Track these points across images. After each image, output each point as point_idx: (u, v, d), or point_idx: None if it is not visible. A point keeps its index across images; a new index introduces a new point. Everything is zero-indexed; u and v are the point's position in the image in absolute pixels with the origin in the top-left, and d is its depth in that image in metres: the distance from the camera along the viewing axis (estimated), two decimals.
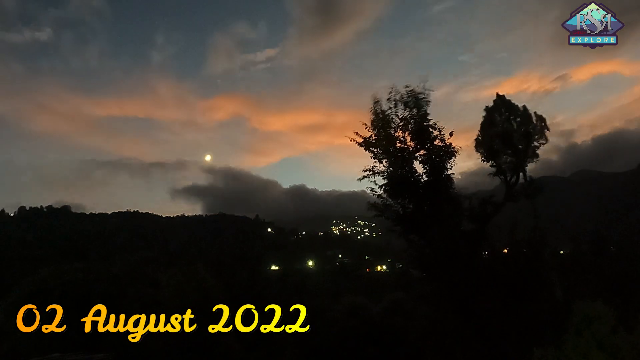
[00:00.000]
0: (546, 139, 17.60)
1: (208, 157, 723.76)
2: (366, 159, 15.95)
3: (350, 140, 16.03)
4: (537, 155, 17.56)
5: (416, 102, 15.44)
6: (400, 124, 15.66)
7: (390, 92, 15.52)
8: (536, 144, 17.50)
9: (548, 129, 17.62)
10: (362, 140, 15.87)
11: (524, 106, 17.90)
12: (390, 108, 15.59)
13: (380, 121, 15.64)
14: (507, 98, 18.20)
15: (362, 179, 15.95)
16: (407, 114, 15.56)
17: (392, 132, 15.67)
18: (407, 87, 15.51)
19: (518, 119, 17.68)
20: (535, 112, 17.65)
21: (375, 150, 15.81)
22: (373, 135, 15.80)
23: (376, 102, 15.74)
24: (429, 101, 15.52)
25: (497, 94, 18.34)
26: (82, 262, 21.36)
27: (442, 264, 14.61)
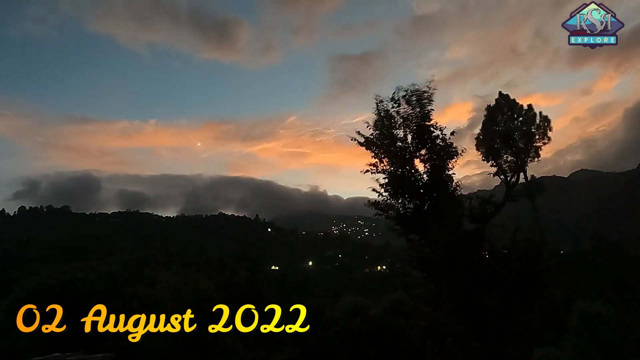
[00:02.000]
0: (549, 139, 17.50)
1: (199, 144, 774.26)
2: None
3: (352, 140, 16.04)
4: (539, 155, 17.44)
5: (419, 100, 15.45)
6: (402, 122, 15.64)
7: (394, 92, 15.53)
8: (538, 144, 17.42)
9: (551, 130, 17.51)
10: (364, 139, 15.87)
11: (530, 105, 17.71)
12: (393, 107, 15.57)
13: (383, 120, 15.64)
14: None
15: (366, 172, 15.93)
16: (410, 110, 15.55)
17: (393, 130, 15.67)
18: (413, 84, 15.52)
19: (521, 119, 17.58)
20: (540, 113, 17.48)
21: (377, 150, 15.81)
22: (374, 135, 15.79)
23: (380, 102, 15.74)
24: (433, 100, 15.51)
25: (500, 93, 18.19)
26: (82, 262, 21.28)
27: (442, 264, 14.58)
